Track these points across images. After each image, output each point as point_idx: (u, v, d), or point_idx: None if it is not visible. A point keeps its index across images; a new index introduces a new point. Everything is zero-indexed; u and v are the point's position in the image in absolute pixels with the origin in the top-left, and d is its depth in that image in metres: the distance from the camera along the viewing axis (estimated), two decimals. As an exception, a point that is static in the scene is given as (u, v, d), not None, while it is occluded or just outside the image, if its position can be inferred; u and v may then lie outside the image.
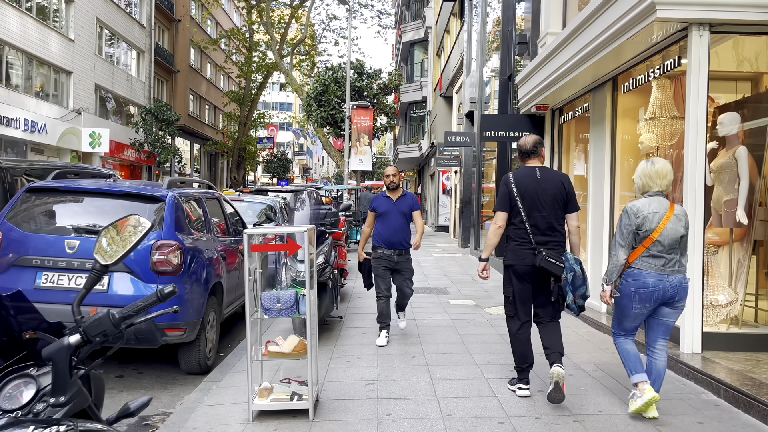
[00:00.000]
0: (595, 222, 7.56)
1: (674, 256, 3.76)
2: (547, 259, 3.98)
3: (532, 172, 4.17)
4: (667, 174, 3.86)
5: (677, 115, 6.33)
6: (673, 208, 3.81)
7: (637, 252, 3.76)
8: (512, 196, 4.12)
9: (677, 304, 3.82)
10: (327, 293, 6.30)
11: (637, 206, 3.81)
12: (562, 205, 4.12)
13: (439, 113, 25.27)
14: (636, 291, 3.75)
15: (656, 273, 3.71)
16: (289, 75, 26.95)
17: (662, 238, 3.70)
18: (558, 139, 9.30)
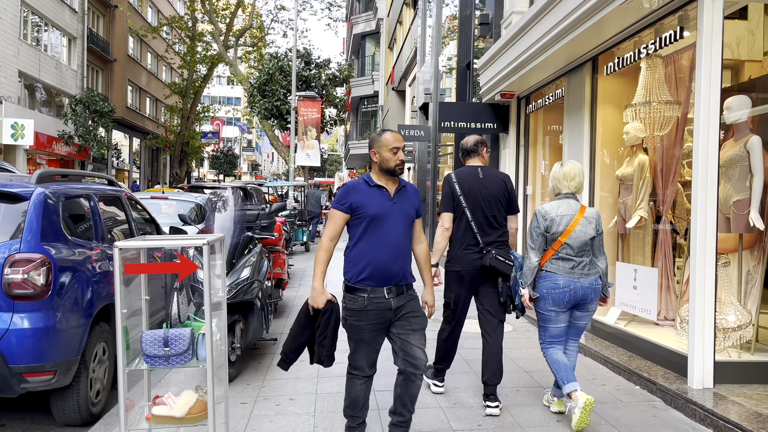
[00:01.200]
0: (570, 224, 6.58)
1: (584, 258, 3.74)
2: (497, 258, 3.87)
3: (474, 171, 4.07)
4: (575, 176, 3.83)
5: (670, 99, 5.39)
6: (584, 210, 3.78)
7: (548, 255, 3.74)
8: (455, 195, 4.01)
9: (588, 306, 3.80)
10: (254, 315, 5.11)
11: (545, 209, 3.79)
12: (504, 205, 4.04)
13: (392, 108, 24.24)
14: (548, 292, 3.72)
15: (566, 275, 3.69)
16: (233, 66, 25.39)
17: (571, 240, 3.68)
18: (525, 130, 8.32)
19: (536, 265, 3.77)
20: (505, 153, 8.47)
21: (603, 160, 6.26)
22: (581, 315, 3.84)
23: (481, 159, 4.20)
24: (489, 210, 3.98)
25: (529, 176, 8.27)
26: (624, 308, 5.53)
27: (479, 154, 4.20)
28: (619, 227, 6.04)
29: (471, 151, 4.21)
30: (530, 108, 8.10)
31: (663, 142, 5.58)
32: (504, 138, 8.59)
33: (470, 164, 4.20)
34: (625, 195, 5.93)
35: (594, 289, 3.75)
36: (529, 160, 8.28)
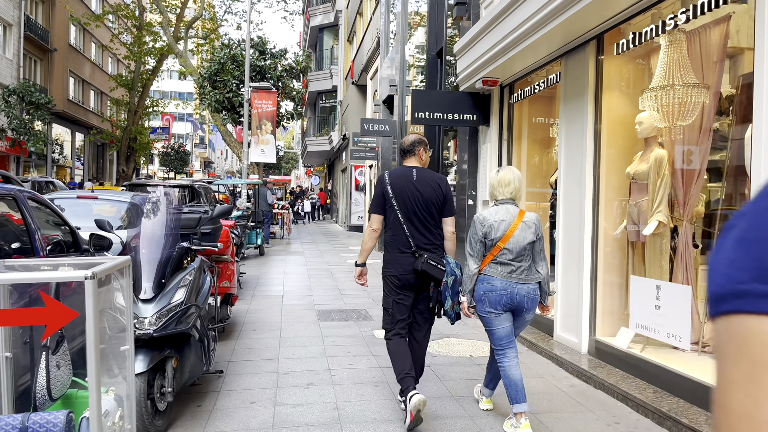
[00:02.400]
0: (568, 234, 5.68)
1: (523, 263, 3.73)
2: (428, 262, 3.85)
3: (408, 171, 4.00)
4: (510, 182, 3.82)
5: (696, 83, 4.52)
6: (523, 215, 3.77)
7: (487, 259, 3.75)
8: (387, 197, 3.95)
9: (525, 315, 3.79)
10: (191, 348, 4.02)
11: (484, 215, 3.78)
12: (438, 208, 3.96)
13: (352, 103, 23.17)
14: (485, 294, 3.71)
15: (504, 279, 3.69)
16: (183, 58, 23.87)
17: (510, 245, 3.68)
18: (508, 123, 7.40)
19: (475, 272, 3.75)
20: (486, 148, 7.55)
21: (609, 155, 5.37)
22: (516, 324, 3.82)
23: (418, 159, 4.10)
24: (422, 212, 3.91)
25: (514, 174, 7.35)
26: (643, 331, 4.64)
27: (415, 155, 4.10)
28: (631, 234, 5.17)
29: (407, 151, 4.11)
30: (514, 98, 7.19)
31: (686, 133, 4.71)
32: (484, 131, 7.67)
33: (407, 164, 4.09)
34: (638, 196, 5.06)
35: (531, 298, 3.72)
36: (512, 156, 7.37)
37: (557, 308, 5.85)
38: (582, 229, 5.42)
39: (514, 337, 3.82)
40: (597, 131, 5.35)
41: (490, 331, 3.80)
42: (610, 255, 5.40)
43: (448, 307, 3.87)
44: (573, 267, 5.57)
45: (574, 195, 5.57)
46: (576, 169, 5.56)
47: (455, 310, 3.90)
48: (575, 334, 5.51)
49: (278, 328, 6.74)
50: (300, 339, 6.26)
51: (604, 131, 5.35)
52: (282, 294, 9.04)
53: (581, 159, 5.46)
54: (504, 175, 3.84)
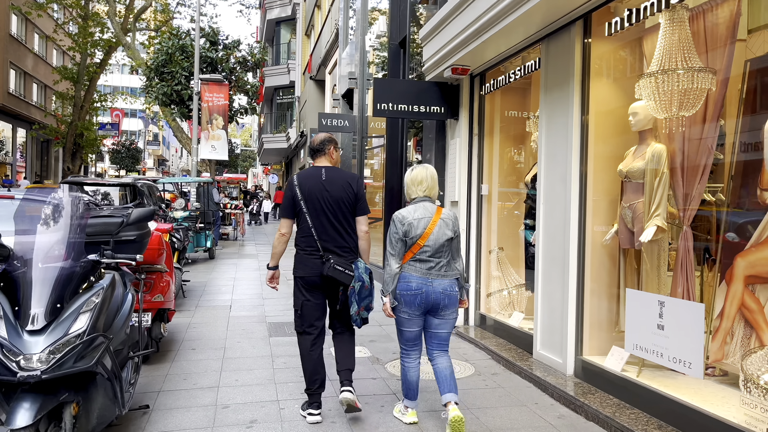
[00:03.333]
0: (551, 239, 5.04)
1: (441, 260, 3.74)
2: (335, 267, 3.80)
3: (317, 172, 3.95)
4: (422, 180, 3.84)
5: (701, 67, 3.92)
6: (440, 212, 3.79)
7: (406, 257, 3.73)
8: (296, 199, 3.90)
9: (444, 313, 3.76)
10: (98, 389, 3.19)
11: (402, 214, 3.77)
12: (349, 208, 3.91)
13: (310, 98, 22.31)
14: (400, 294, 3.71)
15: (421, 276, 3.69)
16: (132, 49, 22.60)
17: (429, 242, 3.69)
18: (479, 116, 6.74)
19: (397, 272, 3.74)
20: (454, 144, 6.87)
21: (598, 150, 4.75)
22: (439, 322, 3.79)
23: (328, 159, 4.06)
24: (332, 213, 3.87)
25: (485, 172, 6.71)
26: (641, 354, 4.02)
27: (326, 154, 4.05)
28: (624, 240, 4.55)
29: (317, 150, 4.05)
30: (486, 88, 6.53)
31: (689, 125, 4.12)
32: (452, 125, 7.00)
33: (317, 164, 4.03)
34: (632, 197, 4.45)
35: (448, 295, 3.72)
36: (484, 152, 6.71)
37: (537, 323, 5.21)
38: (567, 234, 4.78)
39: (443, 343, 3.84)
40: (584, 123, 4.72)
41: (400, 331, 3.86)
42: (599, 263, 4.78)
43: (353, 312, 3.84)
44: (556, 276, 4.93)
45: (558, 195, 4.93)
46: (559, 166, 4.92)
47: (361, 316, 3.89)
48: (559, 352, 4.87)
49: (222, 347, 5.92)
50: (246, 360, 5.46)
51: (592, 123, 4.73)
52: (230, 304, 8.19)
53: (566, 155, 4.82)
54: (417, 174, 3.86)
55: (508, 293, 6.53)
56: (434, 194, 3.89)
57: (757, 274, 3.81)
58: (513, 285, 6.51)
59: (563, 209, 4.84)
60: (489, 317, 6.52)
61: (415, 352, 3.88)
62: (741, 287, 3.90)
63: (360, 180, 4.02)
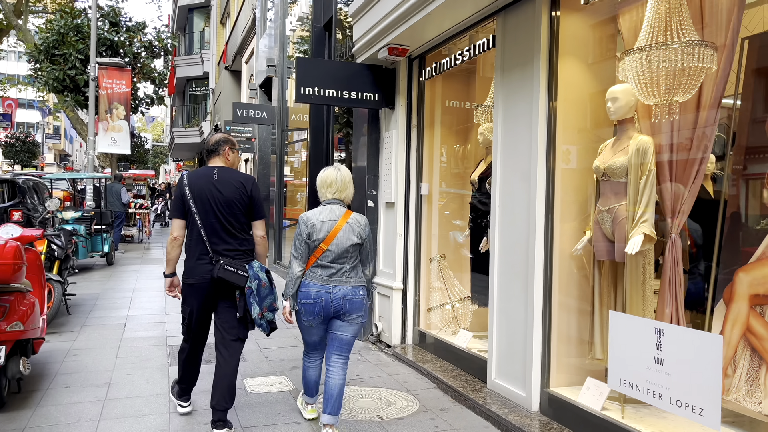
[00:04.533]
0: (509, 248, 4.26)
1: (344, 265, 3.62)
2: (225, 268, 3.61)
3: (209, 172, 3.76)
4: (332, 182, 3.70)
5: (700, 41, 3.23)
6: (348, 216, 3.66)
7: (310, 262, 3.62)
8: (185, 199, 3.70)
9: (348, 318, 3.64)
10: None
11: (308, 215, 3.67)
12: (243, 211, 3.74)
13: (225, 90, 20.87)
14: (300, 302, 3.61)
15: (321, 284, 3.59)
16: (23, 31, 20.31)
17: (332, 247, 3.58)
18: (418, 106, 5.90)
19: (299, 275, 3.63)
20: (390, 137, 6.01)
21: (568, 143, 4.01)
22: (341, 325, 3.66)
23: (223, 160, 3.89)
24: (223, 216, 3.69)
25: (425, 169, 5.88)
26: (630, 392, 3.28)
27: (221, 154, 3.89)
28: (600, 251, 3.82)
29: (212, 150, 3.90)
30: (426, 73, 5.70)
31: (682, 112, 3.42)
32: (387, 115, 6.13)
33: (210, 165, 3.86)
34: (611, 199, 3.72)
35: (350, 300, 3.60)
36: (424, 146, 5.88)
37: (492, 346, 4.42)
38: (531, 242, 4.01)
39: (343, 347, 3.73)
40: (551, 111, 3.96)
41: (302, 336, 3.81)
42: (569, 278, 4.04)
43: (256, 315, 3.66)
44: (517, 292, 4.14)
45: (519, 196, 4.15)
46: (521, 161, 4.14)
47: (267, 318, 3.71)
48: (521, 383, 4.09)
49: (106, 382, 4.76)
50: (136, 402, 4.35)
51: (561, 111, 3.97)
52: (125, 322, 6.95)
53: (529, 148, 4.05)
54: (327, 175, 3.74)
55: (451, 307, 5.73)
56: (345, 197, 3.75)
57: (767, 293, 3.16)
58: (457, 298, 5.71)
59: (526, 212, 4.06)
60: (430, 335, 5.69)
61: (316, 354, 3.90)
62: (745, 308, 3.25)
63: (255, 182, 3.85)
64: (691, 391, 2.90)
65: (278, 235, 11.57)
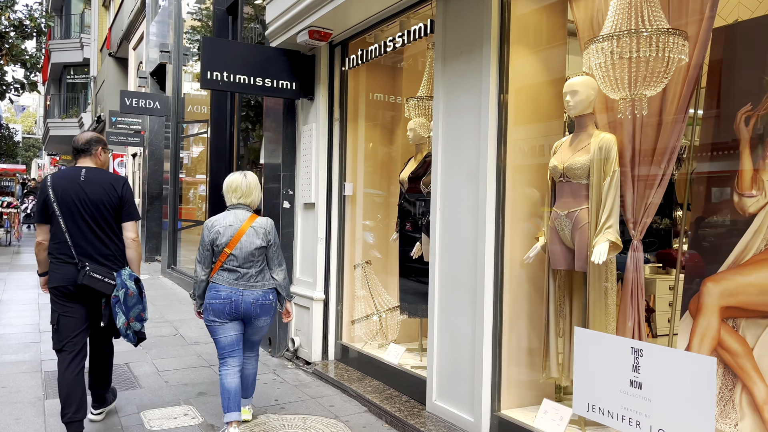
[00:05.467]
0: (453, 255, 3.84)
1: (251, 270, 3.65)
2: (91, 275, 3.47)
3: (76, 172, 3.60)
4: (237, 187, 3.74)
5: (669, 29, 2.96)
6: (253, 220, 3.68)
7: (216, 266, 3.64)
8: (49, 202, 3.54)
9: (256, 322, 3.70)
10: None
11: (212, 220, 3.70)
12: (113, 213, 3.60)
13: (109, 78, 19.17)
14: (209, 302, 3.61)
15: (230, 287, 3.59)
16: None
17: (236, 251, 3.61)
18: (341, 97, 5.37)
19: (203, 280, 3.66)
20: (309, 131, 5.43)
21: (520, 140, 3.65)
22: (250, 331, 3.74)
23: (95, 160, 3.72)
24: (91, 218, 3.53)
25: (348, 167, 5.36)
26: (602, 419, 2.94)
27: (92, 155, 3.71)
28: (557, 259, 3.48)
29: (82, 150, 3.70)
30: (351, 62, 5.18)
31: (649, 108, 3.14)
32: (306, 107, 5.54)
33: (79, 165, 3.67)
34: (569, 203, 3.39)
35: (260, 305, 3.64)
36: (347, 142, 5.36)
37: (433, 365, 3.98)
38: (480, 250, 3.60)
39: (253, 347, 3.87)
40: (502, 104, 3.58)
41: (215, 339, 3.72)
42: (519, 289, 3.68)
43: (121, 325, 3.56)
44: (462, 306, 3.73)
45: (465, 198, 3.74)
46: (467, 159, 3.73)
47: (133, 329, 3.63)
48: (468, 406, 3.68)
49: (-37, 427, 3.85)
50: (2, 452, 3.52)
51: (513, 104, 3.60)
52: None
53: (477, 146, 3.64)
54: (233, 180, 3.77)
55: (378, 318, 5.25)
56: (251, 202, 3.77)
57: (740, 305, 2.94)
58: (384, 308, 5.24)
59: (473, 216, 3.66)
60: (354, 349, 5.19)
61: (233, 360, 3.69)
62: (716, 321, 3.02)
63: (127, 183, 3.72)
64: (678, 419, 2.60)
65: (172, 237, 10.58)
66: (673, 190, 3.62)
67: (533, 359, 3.71)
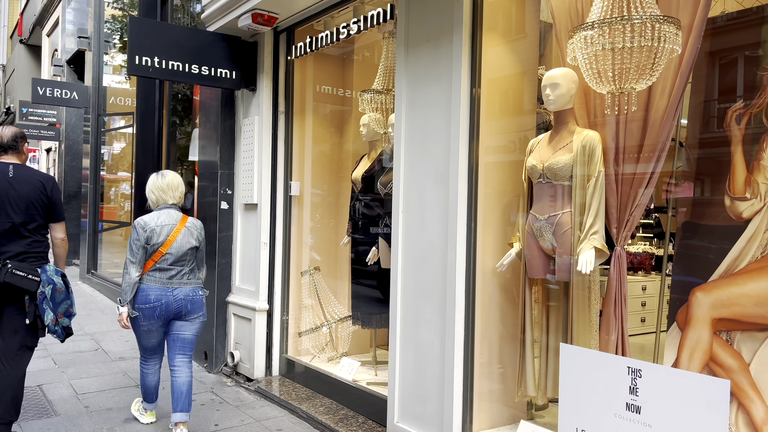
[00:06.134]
0: (417, 261, 3.49)
1: (184, 268, 3.74)
2: (13, 272, 3.37)
3: (4, 168, 3.49)
4: (178, 186, 3.85)
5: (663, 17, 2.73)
6: (185, 220, 3.78)
7: (147, 266, 3.68)
8: None
9: (188, 317, 3.75)
10: None
11: (145, 220, 3.70)
12: (41, 212, 3.53)
13: (20, 67, 17.75)
14: (139, 307, 3.63)
15: (161, 287, 3.66)
16: None
17: (172, 250, 3.68)
18: (286, 88, 4.93)
19: (136, 280, 3.64)
20: (251, 125, 4.94)
21: (492, 138, 3.34)
22: (182, 324, 3.75)
23: (19, 156, 3.64)
24: (17, 215, 3.44)
25: (295, 165, 4.92)
26: (592, 445, 2.66)
27: (18, 150, 3.64)
28: (535, 267, 3.19)
29: (8, 147, 3.59)
30: (297, 50, 4.75)
31: (638, 104, 2.90)
32: (247, 99, 5.05)
33: (3, 161, 3.56)
34: (547, 206, 3.10)
35: (191, 300, 3.72)
36: (293, 138, 4.91)
37: (395, 382, 3.62)
38: (449, 256, 3.27)
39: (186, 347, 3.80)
40: (474, 97, 3.26)
41: (140, 342, 3.78)
42: (491, 299, 3.37)
43: (49, 322, 3.47)
44: (430, 318, 3.39)
45: (432, 200, 3.40)
46: (435, 159, 3.39)
47: (62, 324, 3.55)
48: (435, 427, 3.34)
49: None
50: None
51: (486, 98, 3.29)
52: None
53: (446, 143, 3.31)
54: (172, 179, 3.82)
55: (328, 330, 4.84)
56: (180, 201, 3.84)
57: (735, 317, 2.74)
58: (335, 318, 4.84)
59: (442, 219, 3.32)
60: (300, 364, 4.76)
61: (154, 359, 3.87)
62: (707, 334, 2.81)
63: (56, 183, 3.65)
64: (684, 447, 2.35)
65: (93, 239, 9.73)
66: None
67: (507, 376, 3.41)
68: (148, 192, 3.84)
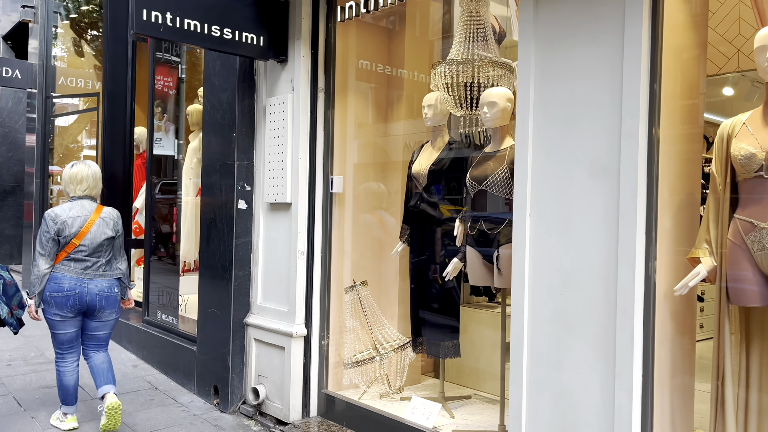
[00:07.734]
0: (559, 277, 2.62)
1: (100, 259, 3.69)
2: None
3: None
4: (83, 179, 3.72)
5: None
6: (100, 211, 3.72)
7: (60, 257, 3.62)
8: None
9: (102, 315, 3.71)
10: None
11: (56, 212, 3.65)
12: None
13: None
14: (51, 295, 3.57)
15: (75, 276, 3.60)
16: None
17: (86, 241, 3.63)
18: (326, 60, 3.96)
19: (46, 273, 3.58)
20: (280, 105, 3.94)
21: (675, 113, 2.53)
22: (97, 325, 3.73)
23: None
24: None
25: (336, 156, 3.97)
26: None
27: None
28: (745, 292, 2.38)
29: None
30: (345, 13, 3.79)
31: None
32: (272, 72, 4.05)
33: None
34: None
35: (105, 297, 3.66)
36: (335, 122, 3.95)
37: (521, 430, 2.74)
38: (621, 276, 2.43)
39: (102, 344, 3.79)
40: (657, 61, 2.42)
41: (54, 335, 3.69)
42: (663, 333, 2.56)
43: (5, 315, 3.63)
44: (581, 357, 2.53)
45: (585, 199, 2.54)
46: (591, 144, 2.54)
47: (16, 316, 3.71)
48: None
49: None
50: None
51: (670, 63, 2.47)
52: None
53: (612, 123, 2.46)
54: (77, 171, 3.71)
55: (380, 360, 3.91)
56: (96, 193, 3.75)
57: None
58: (390, 345, 3.92)
59: (603, 228, 2.47)
60: (341, 401, 3.81)
61: (71, 355, 3.74)
62: None
63: None
64: None
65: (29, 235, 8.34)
66: None
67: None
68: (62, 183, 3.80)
